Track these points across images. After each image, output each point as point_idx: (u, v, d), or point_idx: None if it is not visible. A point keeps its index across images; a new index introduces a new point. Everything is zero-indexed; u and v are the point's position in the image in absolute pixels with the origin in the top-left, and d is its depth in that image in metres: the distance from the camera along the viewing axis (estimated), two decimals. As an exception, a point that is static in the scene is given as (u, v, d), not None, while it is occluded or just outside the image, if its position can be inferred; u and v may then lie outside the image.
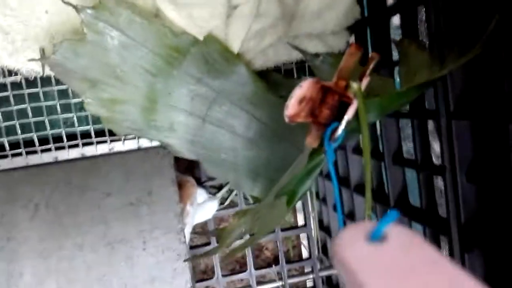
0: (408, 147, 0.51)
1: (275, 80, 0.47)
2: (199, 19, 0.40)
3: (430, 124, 0.43)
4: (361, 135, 0.27)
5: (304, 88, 0.23)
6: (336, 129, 0.23)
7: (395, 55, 0.43)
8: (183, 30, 0.41)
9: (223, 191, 0.68)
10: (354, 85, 0.22)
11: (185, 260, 0.39)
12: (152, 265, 0.39)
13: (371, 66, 0.24)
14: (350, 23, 0.45)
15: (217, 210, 0.61)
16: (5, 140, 0.43)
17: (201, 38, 0.41)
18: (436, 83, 0.33)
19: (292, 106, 0.23)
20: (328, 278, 0.66)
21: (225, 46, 0.42)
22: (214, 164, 0.47)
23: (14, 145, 0.44)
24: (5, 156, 0.43)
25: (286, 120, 0.24)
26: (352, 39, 0.48)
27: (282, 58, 0.47)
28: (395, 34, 0.48)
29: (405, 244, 0.14)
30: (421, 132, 0.40)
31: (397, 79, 0.41)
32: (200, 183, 0.60)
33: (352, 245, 0.14)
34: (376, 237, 0.14)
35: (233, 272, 0.63)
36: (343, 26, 0.45)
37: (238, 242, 0.46)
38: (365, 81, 0.24)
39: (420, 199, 0.42)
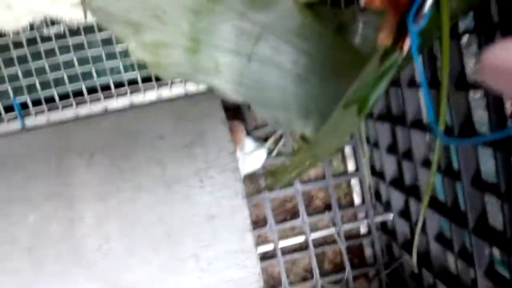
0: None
1: (321, 14, 0.44)
2: None
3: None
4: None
5: None
6: (422, 6, 0.20)
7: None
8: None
9: (270, 141, 0.67)
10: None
11: (243, 198, 0.38)
12: (210, 203, 0.38)
13: None
14: None
15: (264, 160, 0.60)
16: (54, 92, 0.43)
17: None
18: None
19: None
20: (383, 224, 0.64)
21: (269, -26, 0.39)
22: (263, 105, 0.45)
23: (63, 97, 0.44)
24: (56, 108, 0.43)
25: (362, 3, 0.22)
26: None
27: (329, -14, 0.44)
28: None
29: None
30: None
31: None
32: (247, 133, 0.59)
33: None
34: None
35: (285, 221, 0.62)
36: None
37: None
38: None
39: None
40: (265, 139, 0.68)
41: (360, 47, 0.45)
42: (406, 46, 0.22)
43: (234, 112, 0.62)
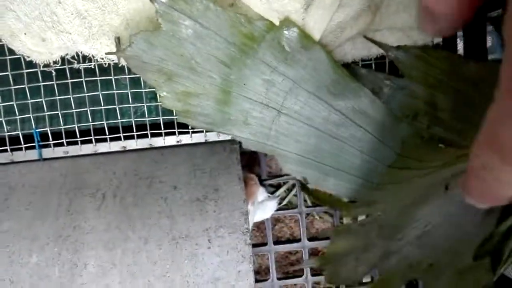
0: None
1: (354, 73, 0.44)
2: (277, 2, 0.38)
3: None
4: None
5: None
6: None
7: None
8: (259, 15, 0.39)
9: (281, 190, 0.66)
10: None
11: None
12: (216, 265, 0.37)
13: None
14: (440, 17, 0.41)
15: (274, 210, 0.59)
16: (76, 127, 0.43)
17: (277, 23, 0.39)
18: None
19: None
20: (388, 291, 0.62)
21: (303, 31, 0.39)
22: (290, 160, 0.45)
23: (84, 132, 0.44)
24: (75, 143, 0.43)
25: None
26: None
27: (362, 53, 0.44)
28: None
29: None
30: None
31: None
32: (260, 181, 0.58)
33: None
34: None
35: (287, 276, 0.61)
36: (432, 21, 0.41)
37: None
38: None
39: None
40: (277, 187, 0.67)
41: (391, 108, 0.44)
42: None
43: (250, 157, 0.61)
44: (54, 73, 0.42)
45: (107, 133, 0.43)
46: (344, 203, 0.50)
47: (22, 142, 0.43)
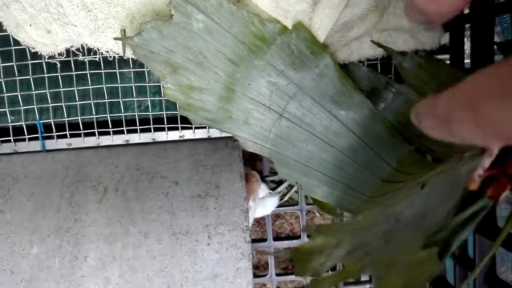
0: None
1: (358, 72, 0.44)
2: (284, 1, 0.37)
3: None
4: None
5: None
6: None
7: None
8: (270, 17, 0.38)
9: (283, 186, 0.66)
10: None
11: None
12: (215, 262, 0.37)
13: None
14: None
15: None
16: (79, 119, 0.43)
17: (285, 23, 0.39)
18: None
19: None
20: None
21: (314, 37, 0.39)
22: (286, 165, 0.44)
23: (87, 124, 0.44)
24: (78, 135, 0.43)
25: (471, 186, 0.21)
26: (446, 37, 0.44)
27: (368, 53, 0.43)
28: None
29: None
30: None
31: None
32: (262, 177, 0.59)
33: None
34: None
35: (287, 272, 0.61)
36: (440, 22, 0.41)
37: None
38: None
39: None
40: (279, 183, 0.67)
41: (385, 114, 0.44)
42: (501, 196, 0.21)
43: (252, 153, 0.61)
44: (58, 65, 0.42)
45: (110, 126, 0.43)
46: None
47: (26, 133, 0.43)
